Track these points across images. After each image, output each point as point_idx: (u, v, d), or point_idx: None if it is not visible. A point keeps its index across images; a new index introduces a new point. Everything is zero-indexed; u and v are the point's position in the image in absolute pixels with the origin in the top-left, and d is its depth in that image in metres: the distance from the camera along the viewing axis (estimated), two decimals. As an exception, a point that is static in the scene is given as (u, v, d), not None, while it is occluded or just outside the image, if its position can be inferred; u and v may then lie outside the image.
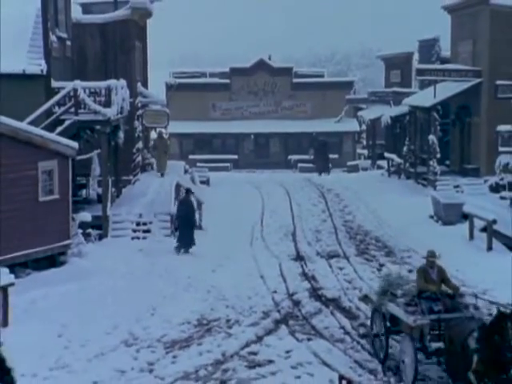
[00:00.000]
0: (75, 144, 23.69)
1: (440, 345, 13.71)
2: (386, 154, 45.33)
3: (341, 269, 23.44)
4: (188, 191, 27.40)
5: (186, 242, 25.64)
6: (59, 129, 25.28)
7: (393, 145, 45.97)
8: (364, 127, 56.80)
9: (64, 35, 29.06)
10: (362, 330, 17.39)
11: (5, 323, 17.33)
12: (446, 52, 42.91)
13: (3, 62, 24.33)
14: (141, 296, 20.06)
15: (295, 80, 60.21)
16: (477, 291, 17.71)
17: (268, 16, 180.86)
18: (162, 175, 35.49)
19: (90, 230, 25.56)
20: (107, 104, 26.30)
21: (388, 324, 15.14)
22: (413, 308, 14.32)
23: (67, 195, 23.30)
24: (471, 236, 26.29)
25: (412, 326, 13.91)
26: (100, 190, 27.71)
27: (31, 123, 23.89)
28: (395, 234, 28.19)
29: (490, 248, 24.70)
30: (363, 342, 16.57)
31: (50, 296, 19.53)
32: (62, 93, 26.03)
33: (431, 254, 15.05)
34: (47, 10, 26.58)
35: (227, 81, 60.02)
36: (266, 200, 36.60)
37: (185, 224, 25.80)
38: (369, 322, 16.50)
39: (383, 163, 46.25)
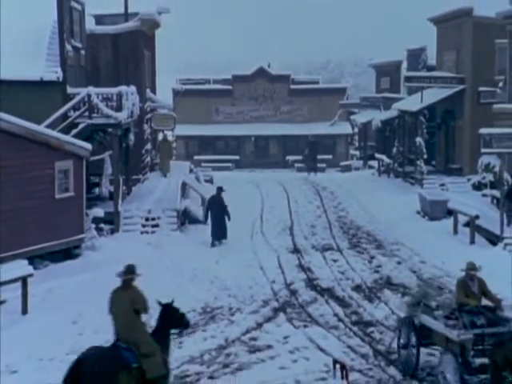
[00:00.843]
0: (89, 145, 23.73)
1: (484, 360, 11.94)
2: (377, 155, 45.30)
3: (334, 261, 23.47)
4: (220, 189, 27.31)
5: (219, 234, 25.91)
6: (74, 131, 25.30)
7: (383, 146, 45.93)
8: (356, 130, 56.80)
9: (79, 45, 29.08)
10: (354, 318, 17.43)
11: (24, 311, 17.43)
12: (432, 60, 42.84)
13: (23, 70, 24.42)
14: (149, 286, 20.01)
15: (292, 86, 60.05)
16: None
17: (268, 27, 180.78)
18: (165, 176, 34.51)
19: (102, 225, 25.59)
20: (118, 108, 26.33)
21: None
22: (453, 321, 12.58)
23: (81, 193, 23.36)
24: (455, 230, 26.32)
25: (456, 340, 12.19)
26: (112, 188, 27.72)
27: (48, 126, 23.91)
28: (385, 229, 28.20)
29: (472, 242, 24.71)
30: (355, 328, 16.61)
31: (65, 286, 19.55)
32: (77, 98, 26.04)
33: (471, 267, 13.12)
34: (63, 21, 26.61)
35: (229, 87, 59.90)
36: (266, 197, 36.58)
37: (218, 218, 25.98)
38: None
39: (374, 163, 46.21)
